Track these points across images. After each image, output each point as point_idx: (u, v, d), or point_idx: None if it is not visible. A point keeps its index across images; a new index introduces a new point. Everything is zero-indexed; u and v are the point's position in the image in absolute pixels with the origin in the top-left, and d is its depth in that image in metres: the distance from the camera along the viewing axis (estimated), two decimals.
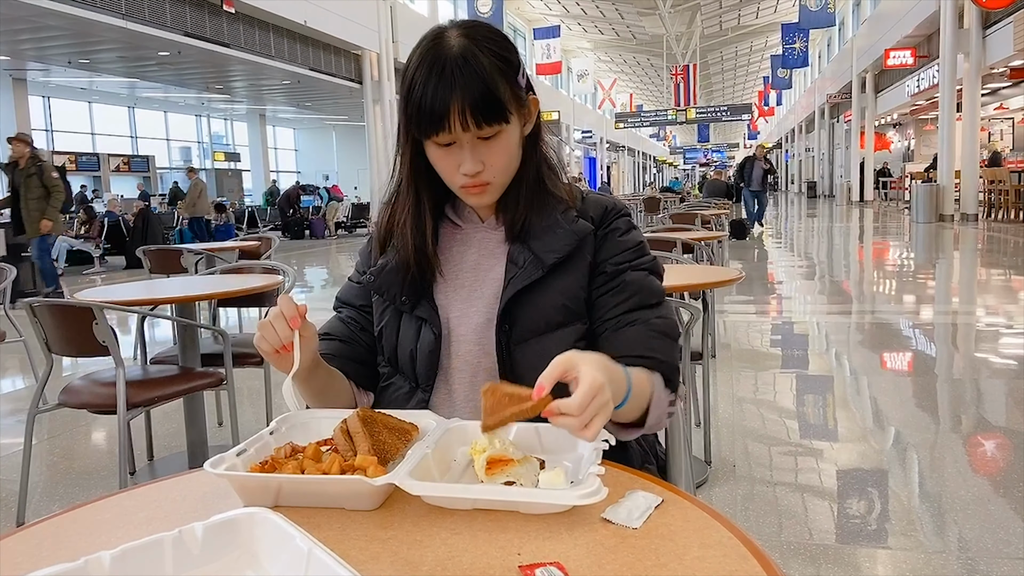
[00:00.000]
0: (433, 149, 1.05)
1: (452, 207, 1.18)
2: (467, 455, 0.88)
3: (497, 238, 1.15)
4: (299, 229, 18.40)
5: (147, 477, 3.07)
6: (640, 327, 1.07)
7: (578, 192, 1.16)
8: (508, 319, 1.08)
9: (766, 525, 2.44)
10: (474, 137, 1.02)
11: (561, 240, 1.09)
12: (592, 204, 1.15)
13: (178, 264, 4.68)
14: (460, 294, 1.14)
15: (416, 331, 1.12)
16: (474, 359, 1.11)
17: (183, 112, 26.94)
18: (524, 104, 1.08)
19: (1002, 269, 9.05)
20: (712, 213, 7.58)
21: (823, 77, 32.88)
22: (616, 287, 1.10)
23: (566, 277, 1.09)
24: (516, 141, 1.08)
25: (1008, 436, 3.27)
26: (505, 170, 1.08)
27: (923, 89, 18.73)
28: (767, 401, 3.94)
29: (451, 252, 1.17)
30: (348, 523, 0.78)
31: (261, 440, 0.91)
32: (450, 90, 0.98)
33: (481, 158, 1.04)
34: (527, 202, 1.12)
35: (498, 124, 1.02)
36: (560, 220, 1.11)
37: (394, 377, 1.16)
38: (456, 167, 1.05)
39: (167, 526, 0.79)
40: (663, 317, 1.10)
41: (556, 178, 1.15)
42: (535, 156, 1.14)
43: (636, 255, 1.13)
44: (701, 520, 0.75)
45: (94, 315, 2.40)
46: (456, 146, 1.03)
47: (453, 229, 1.18)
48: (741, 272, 3.03)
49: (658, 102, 48.14)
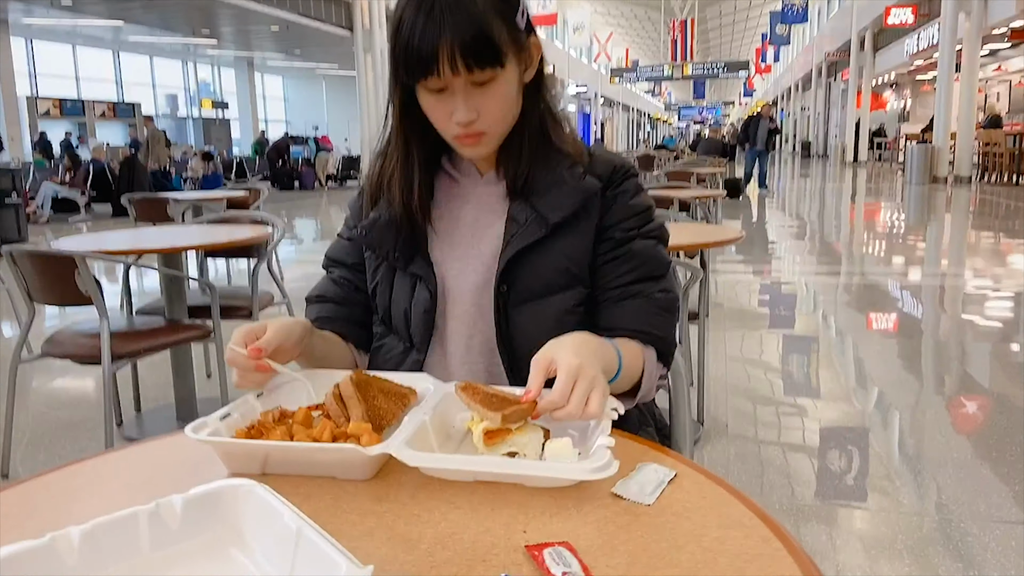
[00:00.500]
0: (425, 95, 0.98)
1: (449, 159, 1.11)
2: (465, 425, 0.83)
3: (497, 193, 1.08)
4: (288, 180, 18.14)
5: (134, 428, 3.03)
6: (642, 301, 1.03)
7: (584, 148, 1.08)
8: (506, 280, 1.02)
9: (761, 485, 2.43)
10: (467, 83, 0.94)
11: (567, 198, 1.02)
12: (600, 162, 1.07)
13: (165, 213, 4.58)
14: (456, 251, 1.07)
15: (410, 289, 1.06)
16: (470, 320, 1.06)
17: (169, 57, 26.31)
18: (524, 47, 0.99)
19: (993, 232, 9.04)
20: (708, 171, 7.49)
21: (822, 35, 32.38)
22: (623, 255, 1.04)
23: (570, 238, 1.03)
24: (514, 88, 0.99)
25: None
26: (501, 120, 1.00)
27: (922, 49, 18.50)
28: (759, 360, 3.92)
29: (448, 207, 1.09)
30: (340, 494, 0.73)
31: (247, 403, 0.86)
32: (439, 30, 0.90)
33: (475, 106, 0.96)
34: (530, 155, 1.04)
35: (492, 68, 0.94)
36: (566, 176, 1.04)
37: (387, 337, 1.11)
38: (449, 115, 0.97)
39: (144, 494, 0.74)
40: (666, 291, 1.05)
41: (561, 131, 1.08)
42: (537, 106, 1.05)
43: (644, 221, 1.07)
44: (718, 496, 0.71)
45: (76, 264, 2.32)
46: (448, 92, 0.95)
47: (450, 183, 1.11)
48: (741, 232, 2.97)
49: (655, 57, 47.44)
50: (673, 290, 1.06)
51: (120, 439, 2.89)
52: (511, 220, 1.04)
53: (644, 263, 1.04)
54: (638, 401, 1.01)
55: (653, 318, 1.03)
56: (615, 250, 1.04)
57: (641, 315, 1.03)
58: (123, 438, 2.92)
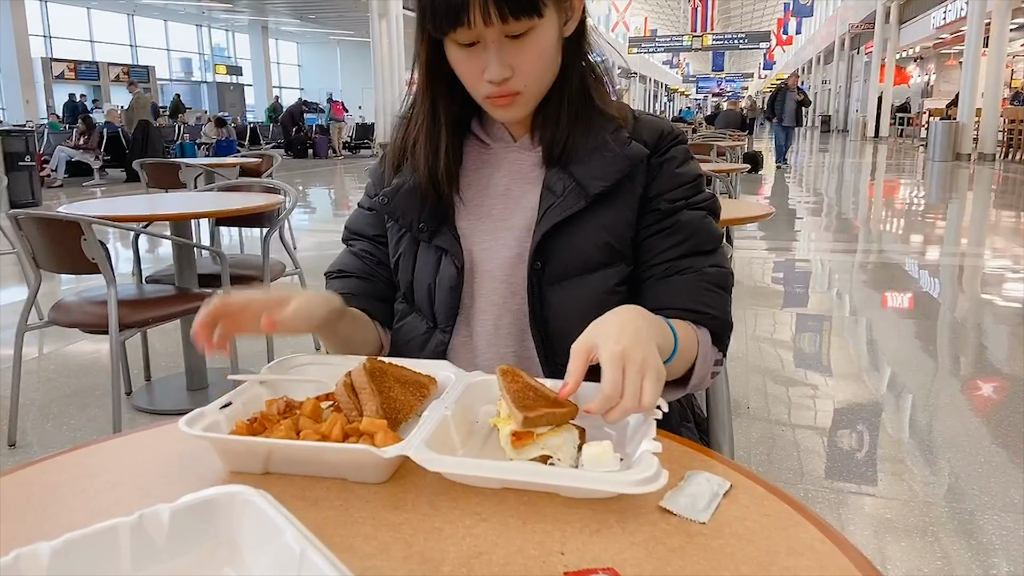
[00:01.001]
0: (454, 50, 0.87)
1: (479, 122, 1.00)
2: (491, 421, 0.74)
3: (531, 160, 0.97)
4: (302, 148, 18.00)
5: (144, 398, 2.98)
6: (691, 276, 0.93)
7: (629, 110, 0.98)
8: (541, 255, 0.92)
9: (785, 469, 2.35)
10: (500, 35, 0.84)
11: (610, 166, 0.92)
12: (646, 126, 0.97)
13: (176, 179, 4.51)
14: (486, 223, 0.97)
15: (435, 263, 0.97)
16: (499, 299, 0.96)
17: (183, 21, 26.13)
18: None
19: (1016, 211, 8.83)
20: (728, 145, 7.32)
21: (846, 5, 31.63)
22: (669, 228, 0.94)
23: (612, 210, 0.93)
24: (553, 42, 0.89)
25: None
26: (539, 77, 0.90)
27: (949, 21, 18.03)
28: (779, 340, 3.82)
29: (478, 175, 0.99)
30: (352, 499, 0.65)
31: (250, 391, 0.77)
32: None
33: (509, 61, 0.86)
34: (570, 119, 0.94)
35: (529, 18, 0.83)
36: (609, 141, 0.93)
37: (409, 316, 1.01)
38: (480, 73, 0.87)
39: (133, 493, 0.66)
40: (718, 266, 0.94)
41: (604, 91, 0.97)
42: (578, 63, 0.95)
43: (694, 191, 0.96)
44: (783, 515, 0.62)
45: (82, 230, 2.25)
46: (480, 46, 0.85)
47: (480, 148, 1.00)
48: (771, 208, 2.86)
49: (674, 27, 46.59)
50: (725, 265, 0.96)
51: (129, 409, 2.85)
52: (547, 190, 0.94)
53: (692, 235, 0.94)
54: (691, 390, 0.91)
55: (705, 295, 0.92)
56: (661, 222, 0.94)
57: (692, 292, 0.92)
58: (132, 408, 2.87)
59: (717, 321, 0.93)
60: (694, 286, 0.92)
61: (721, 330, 0.94)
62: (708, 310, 0.92)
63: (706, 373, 0.92)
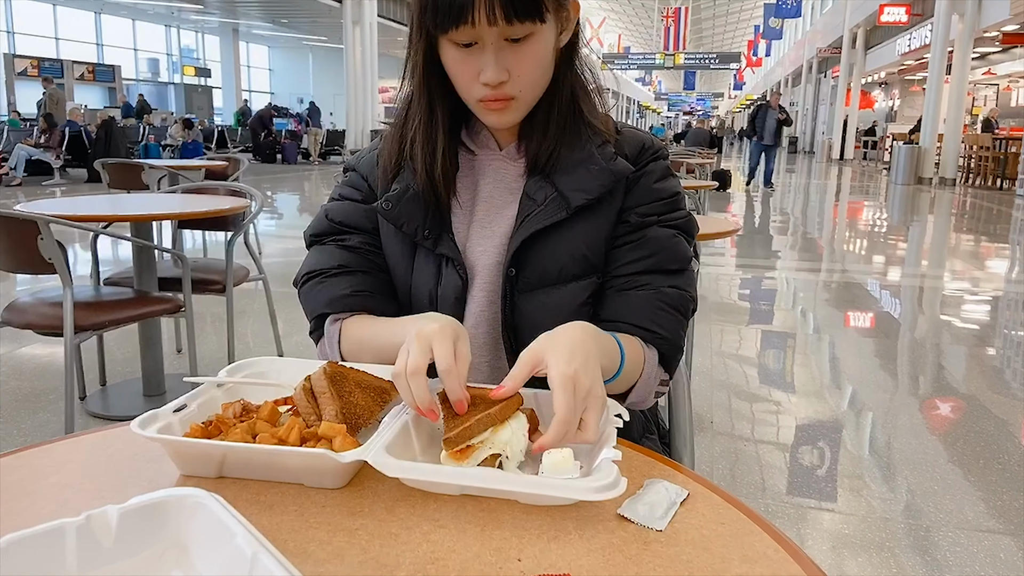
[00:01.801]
0: (450, 50, 0.86)
1: (467, 130, 0.99)
2: None
3: (515, 170, 0.97)
4: (271, 153, 17.83)
5: (98, 403, 2.91)
6: (648, 294, 0.92)
7: (614, 124, 0.98)
8: (516, 262, 0.92)
9: (746, 484, 2.37)
10: (500, 37, 0.83)
11: (595, 179, 0.92)
12: (628, 139, 0.97)
13: (139, 180, 4.43)
14: (473, 231, 0.97)
15: (435, 270, 0.95)
16: (478, 308, 0.95)
17: (152, 21, 25.79)
18: (563, 5, 0.88)
19: (975, 235, 9.07)
20: (697, 162, 7.41)
21: (814, 30, 32.34)
22: (636, 241, 0.94)
23: (591, 223, 0.93)
24: (550, 50, 0.89)
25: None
26: (534, 84, 0.90)
27: (914, 48, 18.51)
28: (743, 355, 3.87)
29: (464, 183, 0.98)
30: (307, 504, 0.64)
31: (206, 394, 0.76)
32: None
33: (506, 65, 0.85)
34: (558, 130, 0.93)
35: (531, 22, 0.83)
36: (596, 155, 0.93)
37: None
38: (475, 75, 0.86)
39: (82, 495, 0.65)
40: (678, 288, 0.94)
41: (592, 104, 0.97)
42: (570, 75, 0.95)
43: (668, 208, 0.96)
44: (738, 523, 0.62)
45: (39, 229, 2.20)
46: (478, 48, 0.85)
47: (467, 156, 0.99)
48: (738, 224, 2.89)
49: (646, 45, 47.21)
50: (686, 288, 0.95)
51: (83, 414, 2.78)
52: (527, 198, 0.93)
53: (657, 252, 0.93)
54: (627, 406, 0.89)
55: (659, 314, 0.91)
56: (629, 234, 0.94)
57: (646, 309, 0.91)
58: (86, 413, 2.80)
59: (666, 343, 0.92)
60: (649, 304, 0.92)
61: (670, 352, 0.93)
62: (659, 330, 0.91)
63: (648, 392, 0.92)
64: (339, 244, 0.98)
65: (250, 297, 4.32)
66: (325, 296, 0.95)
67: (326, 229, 1.00)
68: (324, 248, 0.99)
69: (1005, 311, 5.11)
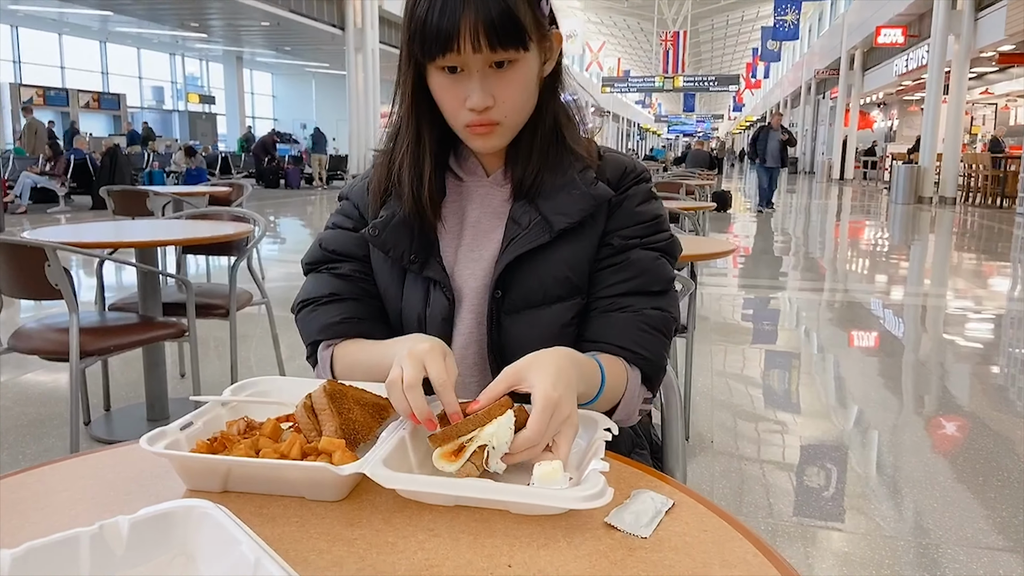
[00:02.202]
0: (437, 77, 0.90)
1: (456, 157, 1.03)
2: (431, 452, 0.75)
3: (501, 196, 1.01)
4: (274, 178, 17.97)
5: (103, 427, 2.94)
6: (630, 316, 0.95)
7: (596, 149, 1.02)
8: (502, 284, 0.95)
9: (746, 503, 2.38)
10: (486, 64, 0.88)
11: (576, 203, 0.95)
12: (610, 164, 1.00)
13: (144, 207, 4.49)
14: (460, 255, 1.00)
15: (423, 293, 0.98)
16: (467, 329, 0.99)
17: (157, 50, 26.13)
18: (546, 36, 0.93)
19: (976, 253, 9.10)
20: (697, 183, 7.48)
21: (812, 52, 32.65)
22: (619, 264, 0.97)
23: (574, 246, 0.96)
24: (534, 77, 0.93)
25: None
26: (519, 109, 0.93)
27: (911, 69, 18.66)
28: (744, 375, 3.88)
29: (452, 208, 1.02)
30: (308, 516, 0.67)
31: (211, 412, 0.79)
32: (462, 3, 0.84)
33: (492, 91, 0.89)
34: (541, 156, 0.97)
35: (515, 49, 0.87)
36: (577, 180, 0.96)
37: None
38: (462, 100, 0.90)
39: (93, 510, 0.68)
40: (660, 309, 0.96)
41: (575, 130, 1.01)
42: (552, 102, 0.99)
43: (650, 231, 0.99)
44: (720, 530, 0.65)
45: (46, 256, 2.24)
46: (464, 74, 0.89)
47: (455, 182, 1.03)
48: (733, 244, 2.93)
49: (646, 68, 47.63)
50: (669, 310, 0.97)
51: (87, 439, 2.80)
52: (512, 222, 0.97)
53: (640, 275, 0.96)
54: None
55: (640, 335, 0.94)
56: (612, 257, 0.97)
57: (628, 331, 0.94)
58: (90, 438, 2.82)
59: (648, 363, 0.94)
60: (632, 325, 0.94)
61: (652, 372, 0.95)
62: (641, 351, 0.94)
63: (632, 410, 0.94)
64: (332, 272, 1.02)
65: (253, 321, 4.35)
66: (317, 324, 0.99)
67: (320, 257, 1.04)
68: (318, 276, 1.03)
69: (1008, 329, 5.12)
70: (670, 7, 32.82)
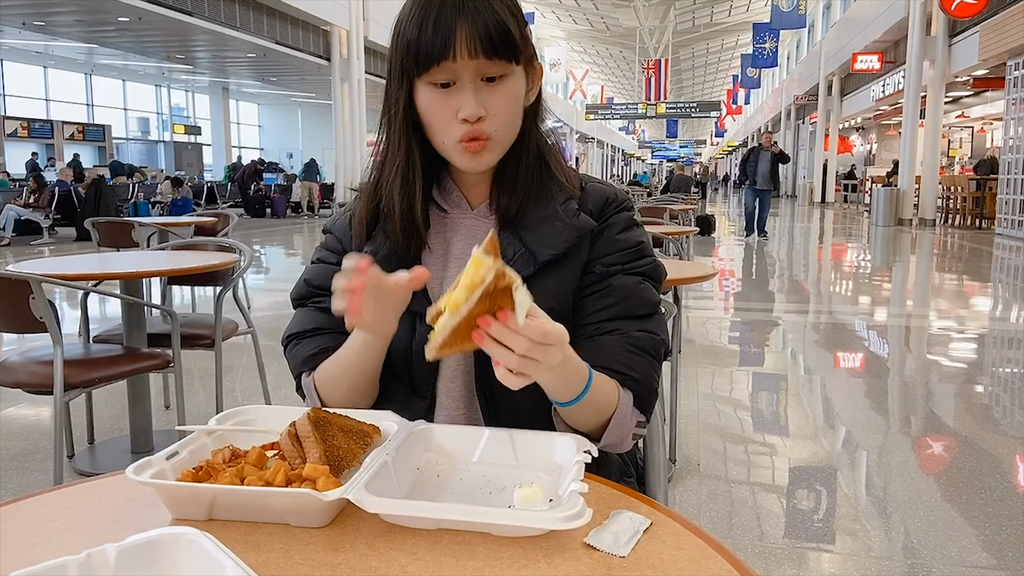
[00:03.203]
0: (428, 94, 0.92)
1: (439, 189, 1.04)
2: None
3: (487, 228, 1.01)
4: (260, 207, 17.98)
5: (86, 461, 2.91)
6: (617, 338, 0.95)
7: (578, 180, 1.04)
8: None
9: (733, 526, 2.39)
10: (478, 75, 0.90)
11: (559, 235, 0.97)
12: (592, 195, 1.02)
13: (129, 238, 4.48)
14: (445, 286, 0.99)
15: (410, 327, 0.97)
16: (453, 362, 0.99)
17: (142, 81, 26.21)
18: (532, 61, 0.97)
19: (957, 274, 9.22)
20: (680, 208, 7.56)
21: (791, 78, 33.21)
22: (602, 290, 0.98)
23: (558, 277, 0.98)
24: (521, 96, 0.95)
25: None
26: (509, 125, 0.95)
27: (888, 94, 19.02)
28: (730, 398, 3.91)
29: (436, 239, 1.03)
30: (293, 542, 0.68)
31: (197, 441, 0.80)
32: (457, 14, 0.88)
33: (483, 103, 0.91)
34: (526, 185, 0.99)
35: (508, 61, 0.91)
36: (560, 212, 0.98)
37: (385, 379, 1.01)
38: (453, 114, 0.91)
39: (80, 540, 0.68)
40: (648, 331, 0.97)
41: (559, 162, 1.03)
42: (535, 131, 1.01)
43: (631, 257, 1.00)
44: (695, 548, 0.67)
45: (31, 288, 2.24)
46: (456, 88, 0.91)
47: (439, 215, 1.04)
48: (714, 268, 2.97)
49: (629, 95, 48.28)
50: (656, 332, 0.97)
51: (71, 472, 2.78)
52: None
53: (624, 300, 0.97)
54: (604, 447, 0.91)
55: (629, 357, 0.94)
56: (595, 284, 0.98)
57: (616, 353, 0.94)
58: (74, 471, 2.80)
59: (639, 384, 0.94)
60: (619, 347, 0.95)
61: (643, 394, 0.95)
62: (630, 372, 0.94)
63: (624, 434, 0.93)
64: (317, 306, 1.03)
65: (239, 351, 4.34)
66: (301, 356, 1.01)
67: (305, 293, 1.05)
68: (304, 311, 1.05)
69: (991, 349, 5.19)
70: (651, 36, 33.36)
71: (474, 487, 0.79)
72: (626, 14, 29.93)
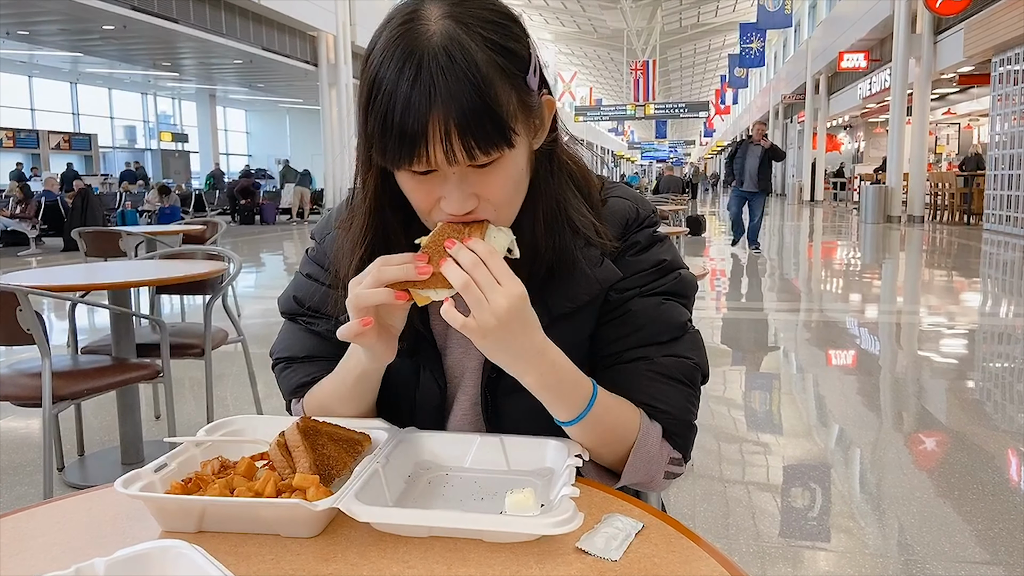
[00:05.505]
0: (407, 179, 0.77)
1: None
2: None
3: None
4: (249, 214, 17.91)
5: (77, 473, 2.89)
6: (640, 366, 0.85)
7: (599, 210, 0.90)
8: (496, 366, 0.81)
9: (728, 525, 2.40)
10: (464, 167, 0.75)
11: (579, 287, 0.86)
12: (611, 219, 0.90)
13: (117, 247, 4.46)
14: (451, 332, 0.92)
15: (414, 375, 0.92)
16: (460, 409, 0.93)
17: (128, 89, 26.11)
18: (532, 112, 0.78)
19: (946, 270, 9.27)
20: (671, 209, 7.58)
21: (778, 78, 33.39)
22: (619, 317, 0.88)
23: (574, 324, 0.88)
24: (523, 165, 0.79)
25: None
26: (509, 203, 0.80)
27: (874, 92, 19.14)
28: (723, 397, 3.91)
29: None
30: (283, 553, 0.67)
31: (185, 453, 0.80)
32: (428, 101, 0.69)
33: (473, 191, 0.75)
34: (548, 244, 0.85)
35: (498, 150, 0.73)
36: (580, 261, 0.86)
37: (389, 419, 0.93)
38: (436, 200, 0.77)
39: (68, 554, 0.68)
40: (676, 356, 0.86)
41: (579, 201, 0.88)
42: (551, 178, 0.85)
43: (651, 278, 0.88)
44: (688, 550, 0.67)
45: (18, 300, 2.22)
46: (438, 175, 0.75)
47: None
48: (705, 269, 2.98)
49: (618, 97, 48.40)
50: (685, 355, 0.87)
51: (61, 485, 2.76)
52: None
53: (645, 326, 0.87)
54: (626, 482, 0.84)
55: (653, 386, 0.84)
56: (612, 312, 0.88)
57: (637, 382, 0.84)
58: (64, 484, 2.78)
59: (667, 416, 0.85)
60: (641, 376, 0.85)
61: (675, 427, 0.86)
62: (656, 403, 0.85)
63: (653, 471, 0.85)
64: (309, 328, 0.96)
65: (229, 359, 4.32)
66: (292, 384, 0.96)
67: (296, 310, 0.97)
68: (295, 329, 0.98)
69: (981, 344, 5.22)
70: (639, 38, 33.48)
71: (465, 493, 0.79)
72: (613, 16, 30.04)
